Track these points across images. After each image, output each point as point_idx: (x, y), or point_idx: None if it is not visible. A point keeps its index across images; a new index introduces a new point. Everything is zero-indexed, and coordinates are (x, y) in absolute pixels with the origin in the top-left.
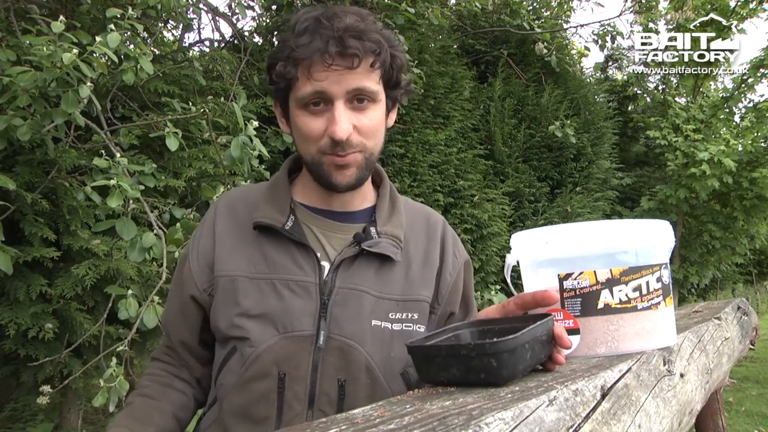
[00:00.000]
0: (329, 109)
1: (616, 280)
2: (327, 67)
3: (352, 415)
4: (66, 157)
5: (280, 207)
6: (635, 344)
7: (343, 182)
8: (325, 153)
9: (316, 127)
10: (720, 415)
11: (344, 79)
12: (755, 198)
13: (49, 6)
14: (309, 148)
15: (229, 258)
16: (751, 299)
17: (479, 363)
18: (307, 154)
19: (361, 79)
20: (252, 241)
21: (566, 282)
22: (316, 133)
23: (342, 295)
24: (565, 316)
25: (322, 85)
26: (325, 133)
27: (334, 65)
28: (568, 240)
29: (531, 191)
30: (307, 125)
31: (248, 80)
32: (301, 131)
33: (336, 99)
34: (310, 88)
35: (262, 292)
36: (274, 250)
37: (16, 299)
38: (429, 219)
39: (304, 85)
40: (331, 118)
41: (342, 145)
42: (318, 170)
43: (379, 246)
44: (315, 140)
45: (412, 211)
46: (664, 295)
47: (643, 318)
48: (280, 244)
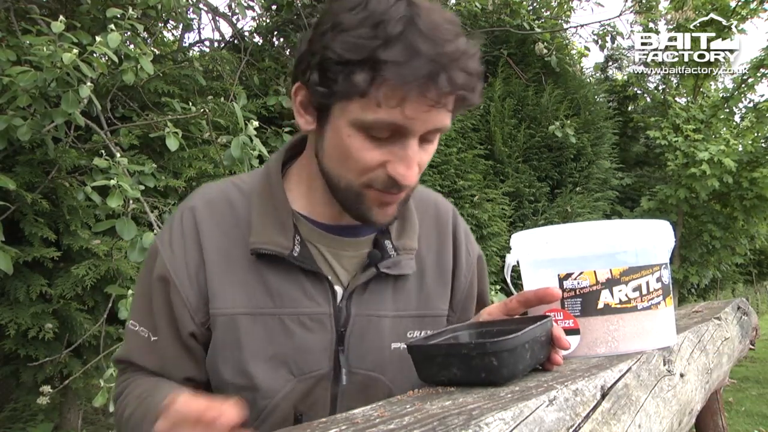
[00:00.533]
0: (397, 142)
1: (616, 280)
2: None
3: (352, 415)
4: (66, 157)
5: (281, 227)
6: (635, 344)
7: (384, 221)
8: (374, 188)
9: (374, 158)
10: (720, 415)
11: (430, 116)
12: (755, 198)
13: (49, 6)
14: (352, 175)
15: (225, 290)
16: (751, 299)
17: (480, 362)
18: (346, 180)
19: (444, 117)
20: (248, 267)
21: (566, 282)
22: (371, 164)
23: (359, 324)
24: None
25: (406, 121)
26: (382, 168)
27: (430, 99)
28: (568, 240)
29: (531, 191)
30: (362, 153)
31: (248, 80)
32: (349, 155)
33: (413, 137)
34: (387, 119)
35: (268, 330)
36: (278, 281)
37: (16, 299)
38: (438, 210)
39: (379, 112)
40: (400, 156)
41: (399, 187)
42: (355, 202)
43: (399, 266)
44: (366, 171)
45: (420, 202)
46: (664, 295)
47: (643, 318)
48: (285, 272)
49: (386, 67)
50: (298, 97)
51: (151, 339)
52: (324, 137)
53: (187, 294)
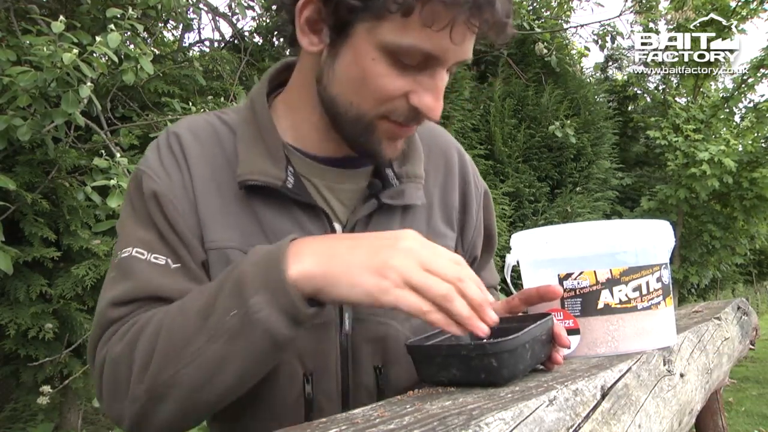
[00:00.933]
0: (425, 71)
1: (616, 280)
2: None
3: (352, 415)
4: (66, 157)
5: (271, 158)
6: (635, 344)
7: (393, 155)
8: (390, 119)
9: (398, 87)
10: (720, 415)
11: (466, 45)
12: (755, 198)
13: (49, 6)
14: (368, 104)
15: (217, 223)
16: (751, 299)
17: (479, 363)
18: (359, 108)
19: (470, 49)
20: (239, 201)
21: (566, 282)
22: (394, 93)
23: None
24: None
25: (443, 48)
26: (404, 97)
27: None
28: (568, 240)
29: (531, 191)
30: (386, 80)
31: (248, 80)
32: (370, 81)
33: (443, 66)
34: (428, 43)
35: None
36: (271, 216)
37: (16, 299)
38: (441, 143)
39: (417, 34)
40: (427, 86)
41: (419, 119)
42: (363, 134)
43: (403, 196)
44: (386, 100)
45: (425, 133)
46: (664, 295)
47: (643, 318)
48: (278, 206)
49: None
50: (305, 12)
51: (171, 266)
52: (337, 59)
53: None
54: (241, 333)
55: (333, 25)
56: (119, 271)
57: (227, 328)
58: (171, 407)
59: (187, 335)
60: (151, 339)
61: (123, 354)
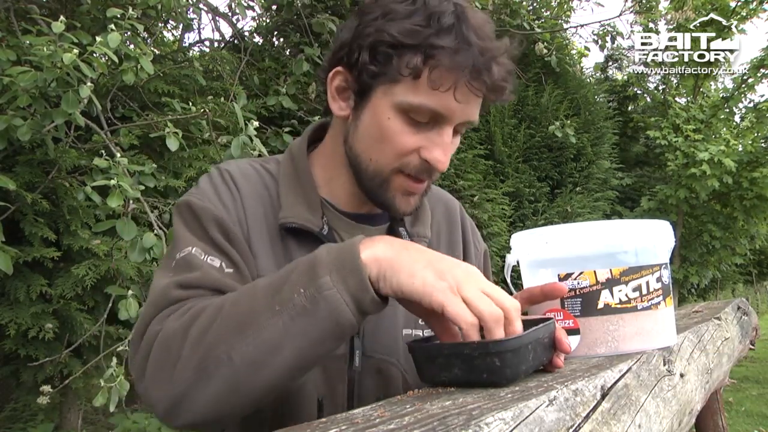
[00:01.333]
0: (434, 129)
1: (616, 280)
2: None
3: (352, 415)
4: (66, 157)
5: (310, 206)
6: (635, 344)
7: (407, 210)
8: (403, 173)
9: (411, 143)
10: (720, 415)
11: (471, 106)
12: (755, 198)
13: (49, 6)
14: (385, 159)
15: (262, 253)
16: (751, 299)
17: (482, 362)
18: (377, 164)
19: (476, 111)
20: (278, 240)
21: (566, 282)
22: (408, 148)
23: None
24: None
25: (449, 106)
26: (416, 153)
27: (473, 89)
28: (568, 240)
29: (531, 191)
30: (401, 136)
31: (248, 80)
32: (387, 136)
33: (451, 123)
34: (435, 103)
35: None
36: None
37: (16, 299)
38: (447, 205)
39: (424, 95)
40: (436, 142)
41: (430, 172)
42: (380, 186)
43: None
44: (400, 155)
45: (431, 196)
46: (664, 295)
47: (643, 318)
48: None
49: (440, 53)
50: (335, 81)
51: (225, 270)
52: (359, 120)
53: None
54: (308, 310)
55: (357, 91)
56: (182, 264)
57: (294, 304)
58: (214, 389)
59: (252, 310)
60: (210, 315)
61: (178, 330)
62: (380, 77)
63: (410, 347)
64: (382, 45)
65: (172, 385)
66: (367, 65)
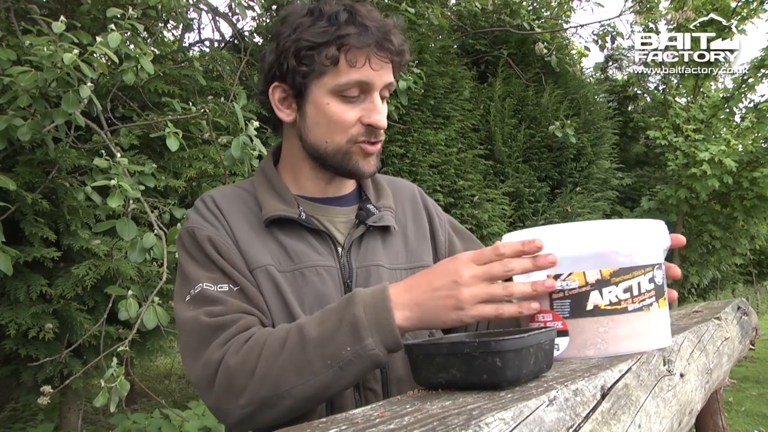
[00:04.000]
0: (365, 99)
1: (606, 281)
2: (377, 59)
3: (352, 415)
4: (66, 157)
5: (285, 200)
6: (626, 346)
7: (369, 170)
8: (357, 141)
9: (351, 116)
10: (720, 415)
11: (384, 72)
12: (755, 198)
13: (49, 6)
14: (337, 136)
15: (255, 251)
16: (751, 299)
17: (482, 362)
18: (332, 143)
19: (391, 75)
20: (267, 236)
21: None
22: (350, 121)
23: (362, 275)
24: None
25: (368, 75)
26: (359, 122)
27: (381, 56)
28: (558, 241)
29: (531, 191)
30: (342, 114)
31: (248, 80)
32: (332, 118)
33: (375, 90)
34: (355, 77)
35: (294, 284)
36: (292, 241)
37: (16, 299)
38: (406, 188)
39: (347, 74)
40: (370, 108)
41: (376, 133)
42: (343, 159)
43: (383, 219)
44: (347, 128)
45: (390, 182)
46: (657, 296)
47: (635, 320)
48: (296, 234)
49: (348, 39)
50: (276, 95)
51: (234, 290)
52: (306, 116)
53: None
54: (355, 363)
55: (295, 95)
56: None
57: (343, 358)
58: (278, 413)
59: (307, 359)
60: (268, 358)
61: (238, 365)
62: (310, 75)
63: (407, 347)
64: (303, 50)
65: (241, 409)
66: (297, 69)
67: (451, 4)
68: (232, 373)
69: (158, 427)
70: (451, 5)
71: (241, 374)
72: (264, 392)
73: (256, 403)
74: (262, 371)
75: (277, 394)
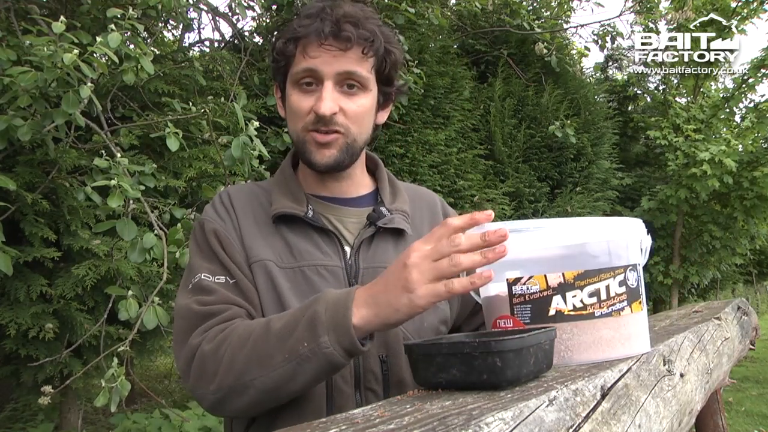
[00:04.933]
0: (319, 89)
1: (570, 284)
2: (320, 45)
3: (352, 415)
4: (66, 158)
5: (296, 198)
6: (591, 354)
7: (321, 162)
8: (308, 130)
9: (305, 104)
10: (720, 415)
11: (336, 60)
12: (756, 198)
13: (49, 6)
14: (296, 124)
15: (258, 245)
16: (751, 299)
17: (483, 362)
18: (294, 131)
19: (352, 64)
20: (273, 232)
21: (515, 287)
22: (304, 109)
23: (368, 276)
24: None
25: (315, 63)
26: (313, 111)
27: (328, 45)
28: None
29: (531, 191)
30: (298, 102)
31: (248, 80)
32: (291, 107)
33: (326, 79)
34: (304, 65)
35: (293, 281)
36: (297, 239)
37: (16, 299)
38: (427, 196)
39: (299, 63)
40: (319, 97)
41: (324, 121)
42: (302, 148)
43: (393, 221)
44: (302, 117)
45: (410, 189)
46: (630, 300)
47: (602, 326)
48: (302, 232)
49: (302, 30)
50: (277, 95)
51: (230, 282)
52: (286, 110)
53: (239, 247)
54: (311, 359)
55: (282, 91)
56: (197, 288)
57: (300, 354)
58: (246, 400)
59: (269, 352)
60: (236, 347)
61: (211, 352)
62: (281, 69)
63: (406, 347)
64: (275, 49)
65: (212, 394)
66: (272, 65)
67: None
68: (204, 359)
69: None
70: (451, 5)
71: (212, 361)
72: (230, 380)
73: (224, 390)
74: (229, 360)
75: (242, 383)
